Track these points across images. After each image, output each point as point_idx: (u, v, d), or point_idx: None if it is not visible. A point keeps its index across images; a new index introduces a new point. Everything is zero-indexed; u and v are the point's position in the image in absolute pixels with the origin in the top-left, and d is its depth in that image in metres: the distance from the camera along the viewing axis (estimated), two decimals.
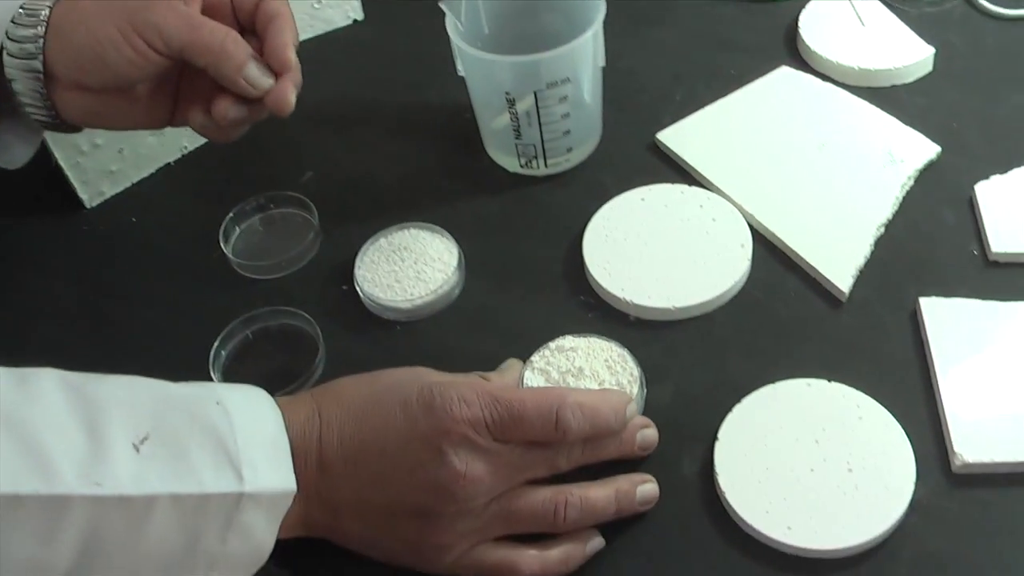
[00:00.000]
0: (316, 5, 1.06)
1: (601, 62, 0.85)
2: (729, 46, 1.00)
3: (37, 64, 0.73)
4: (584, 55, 0.82)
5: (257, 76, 0.74)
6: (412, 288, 0.81)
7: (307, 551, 0.66)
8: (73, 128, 0.79)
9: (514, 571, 0.64)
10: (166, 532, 0.57)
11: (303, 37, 1.06)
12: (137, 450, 0.57)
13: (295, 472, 0.62)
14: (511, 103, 0.83)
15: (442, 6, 0.83)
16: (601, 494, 0.65)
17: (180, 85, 0.79)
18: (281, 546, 0.63)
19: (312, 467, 0.63)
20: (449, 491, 0.61)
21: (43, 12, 0.72)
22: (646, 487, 0.67)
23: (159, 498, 0.56)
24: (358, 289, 0.82)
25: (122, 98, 0.76)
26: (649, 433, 0.70)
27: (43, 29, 0.72)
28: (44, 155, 0.89)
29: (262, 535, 0.61)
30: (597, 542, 0.66)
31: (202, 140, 0.98)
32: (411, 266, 0.83)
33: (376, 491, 0.63)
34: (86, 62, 0.73)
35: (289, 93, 0.75)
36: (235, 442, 0.60)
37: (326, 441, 0.64)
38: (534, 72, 0.81)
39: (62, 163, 0.91)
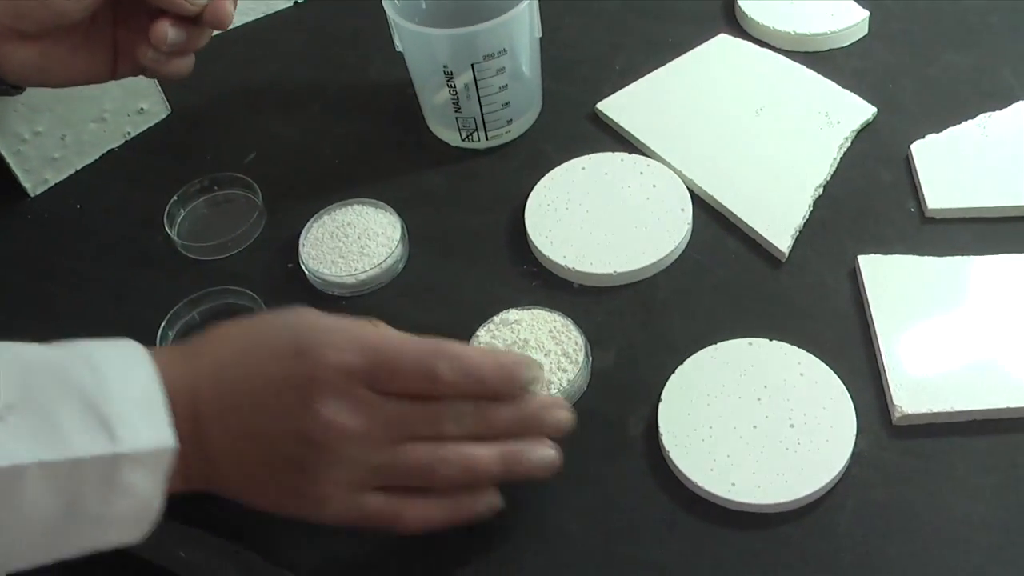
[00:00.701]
0: None
1: (538, 33, 0.86)
2: (667, 15, 1.01)
3: None
4: (520, 26, 0.83)
5: None
6: (356, 263, 0.82)
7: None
8: (15, 89, 0.79)
9: (397, 520, 0.61)
10: (40, 500, 0.55)
11: (244, 20, 1.07)
12: (2, 419, 0.55)
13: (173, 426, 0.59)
14: (449, 76, 0.84)
15: None
16: (485, 453, 0.62)
17: (117, 33, 0.78)
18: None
19: (188, 419, 0.60)
20: (318, 441, 0.58)
21: None
22: (543, 452, 0.63)
23: (27, 467, 0.54)
24: (303, 266, 0.83)
25: (61, 45, 0.75)
26: (561, 415, 0.65)
27: None
28: None
29: (147, 493, 0.58)
30: (491, 501, 0.64)
31: (146, 125, 0.98)
32: (355, 241, 0.83)
33: (251, 442, 0.60)
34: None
35: (227, 4, 0.75)
36: (106, 402, 0.57)
37: (201, 391, 0.61)
38: (471, 44, 0.81)
39: (3, 151, 0.91)
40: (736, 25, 0.98)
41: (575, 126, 0.92)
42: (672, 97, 0.91)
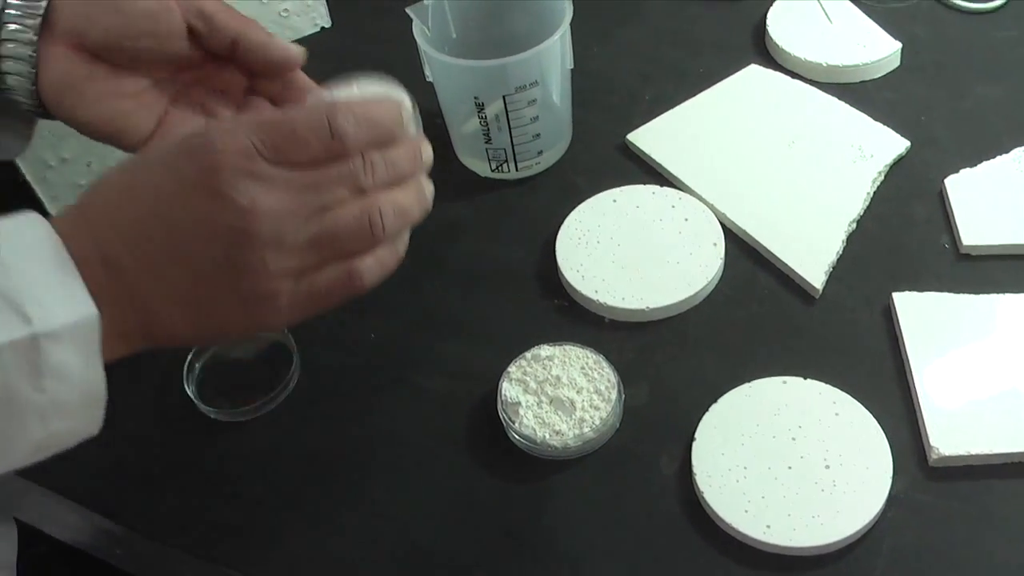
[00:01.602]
0: (283, 13, 1.05)
1: (569, 64, 0.85)
2: (697, 45, 1.00)
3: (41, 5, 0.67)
4: (552, 58, 0.82)
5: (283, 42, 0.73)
6: None
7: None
8: (45, 111, 0.72)
9: (353, 281, 0.59)
10: None
11: None
12: None
13: (90, 291, 0.54)
14: (480, 108, 0.83)
15: (409, 12, 0.83)
16: (407, 194, 0.62)
17: (178, 92, 0.72)
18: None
19: (105, 277, 0.55)
20: (244, 232, 0.55)
21: None
22: (430, 187, 0.65)
23: None
24: None
25: (115, 73, 0.69)
26: (428, 150, 0.65)
27: None
28: (12, 170, 0.89)
29: (84, 372, 0.55)
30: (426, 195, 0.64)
31: None
32: None
33: (176, 267, 0.56)
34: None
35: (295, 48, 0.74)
36: (12, 283, 0.53)
37: (109, 242, 0.56)
38: (502, 76, 0.81)
39: (29, 178, 0.91)
40: (767, 55, 0.98)
41: (605, 157, 0.91)
42: (703, 128, 0.91)
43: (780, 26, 0.97)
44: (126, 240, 0.56)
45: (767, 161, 0.87)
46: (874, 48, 0.94)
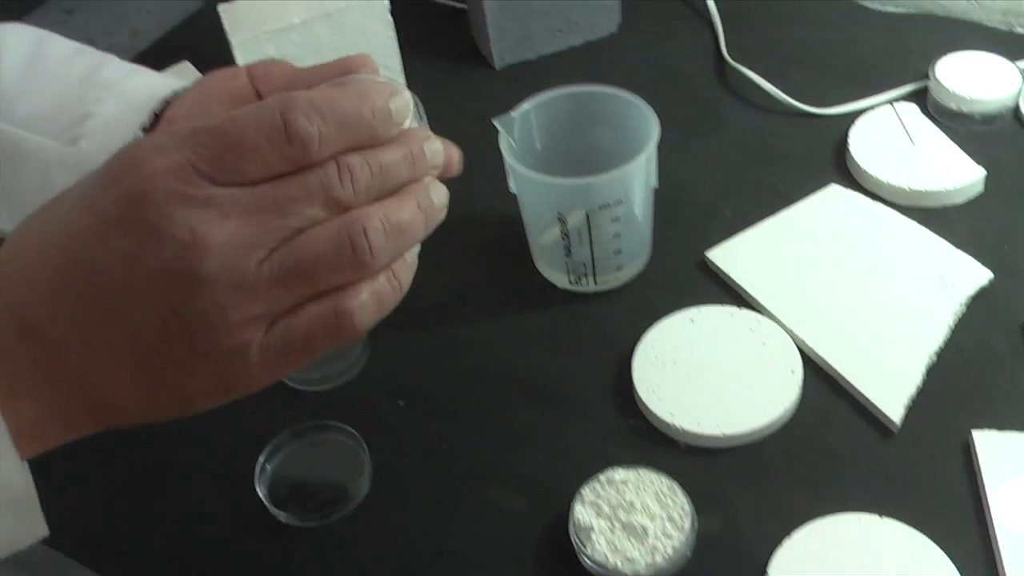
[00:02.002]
0: None
1: (653, 183, 0.85)
2: (778, 160, 1.00)
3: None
4: (637, 177, 0.83)
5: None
6: None
7: None
8: None
9: (342, 320, 0.47)
10: None
11: None
12: None
13: (6, 371, 0.45)
14: (563, 222, 0.84)
15: (495, 123, 0.83)
16: (403, 205, 0.49)
17: None
18: None
19: (19, 351, 0.45)
20: (188, 274, 0.44)
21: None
22: (442, 190, 0.53)
23: None
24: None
25: None
26: (437, 146, 0.52)
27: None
28: None
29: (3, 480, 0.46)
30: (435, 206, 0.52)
31: None
32: None
33: (109, 326, 0.45)
34: None
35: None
36: None
37: (18, 301, 0.45)
38: (586, 194, 0.81)
39: None
40: (848, 175, 0.97)
41: (684, 273, 0.91)
42: (782, 249, 0.90)
43: (862, 145, 0.97)
44: (45, 299, 0.45)
45: (846, 286, 0.86)
46: (957, 173, 0.93)
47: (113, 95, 0.67)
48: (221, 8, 1.02)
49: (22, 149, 0.66)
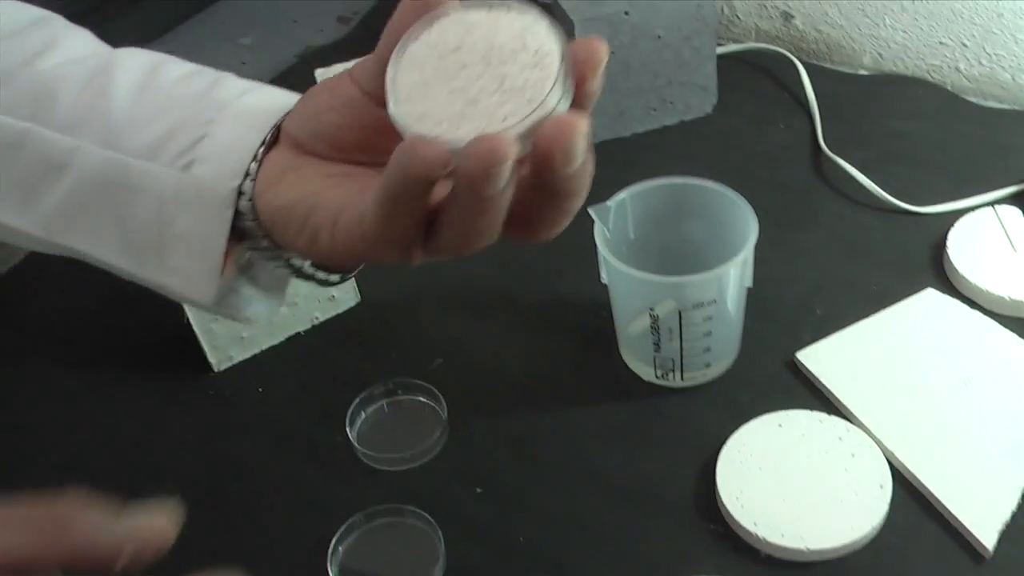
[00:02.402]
0: None
1: (748, 283, 0.84)
2: (873, 258, 0.98)
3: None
4: (733, 277, 0.81)
5: None
6: None
7: None
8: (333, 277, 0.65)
9: None
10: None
11: None
12: None
13: None
14: (653, 317, 0.82)
15: (591, 212, 0.82)
16: None
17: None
18: None
19: None
20: None
21: None
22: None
23: None
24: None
25: (322, 161, 0.59)
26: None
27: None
28: (177, 309, 0.90)
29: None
30: None
31: (334, 312, 0.98)
32: None
33: None
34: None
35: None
36: None
37: None
38: (680, 291, 0.80)
39: (196, 328, 0.92)
40: (945, 279, 0.95)
41: (772, 373, 0.89)
42: (874, 354, 0.88)
43: (961, 249, 0.95)
44: None
45: (940, 398, 0.84)
46: None
47: (228, 114, 0.62)
48: (318, 72, 1.02)
49: (133, 180, 0.63)
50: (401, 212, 0.51)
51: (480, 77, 0.48)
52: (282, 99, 0.63)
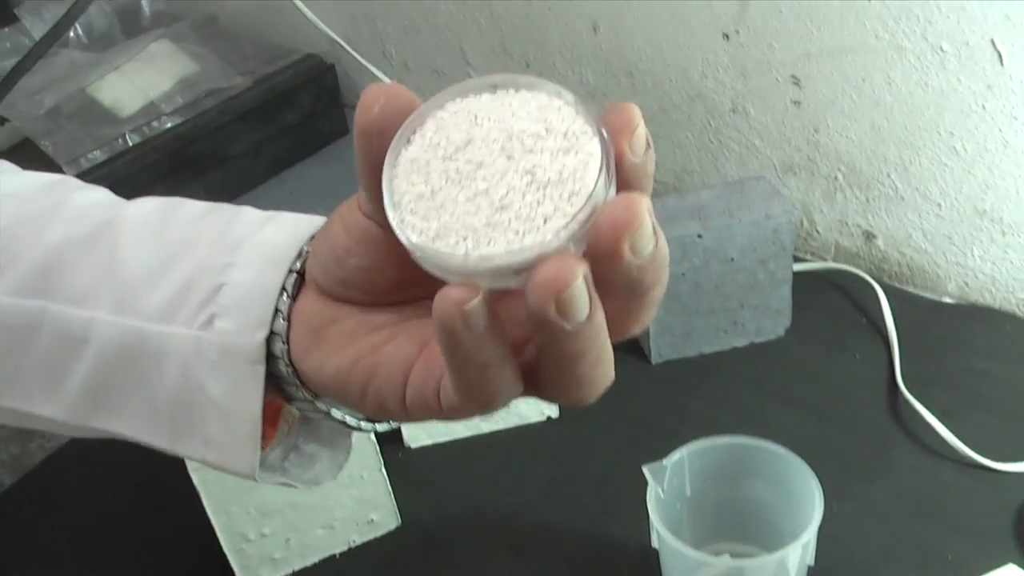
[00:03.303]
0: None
1: (810, 561, 0.78)
2: (949, 521, 0.91)
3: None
4: (794, 559, 0.75)
5: None
6: None
7: None
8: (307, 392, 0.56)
9: None
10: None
11: (492, 428, 1.03)
12: None
13: None
14: None
15: (646, 472, 0.78)
16: None
17: None
18: None
19: None
20: None
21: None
22: None
23: None
24: None
25: (360, 311, 0.52)
26: None
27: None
28: (210, 536, 0.86)
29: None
30: None
31: (372, 535, 0.93)
32: None
33: None
34: None
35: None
36: None
37: None
38: (737, 573, 0.74)
39: (226, 548, 0.88)
40: None
41: None
42: None
43: None
44: None
45: None
46: None
47: (245, 255, 0.55)
48: None
49: (152, 347, 0.56)
50: (471, 365, 0.43)
51: (504, 174, 0.40)
52: (302, 227, 0.56)
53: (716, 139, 1.23)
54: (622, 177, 0.41)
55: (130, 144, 1.34)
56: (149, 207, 0.60)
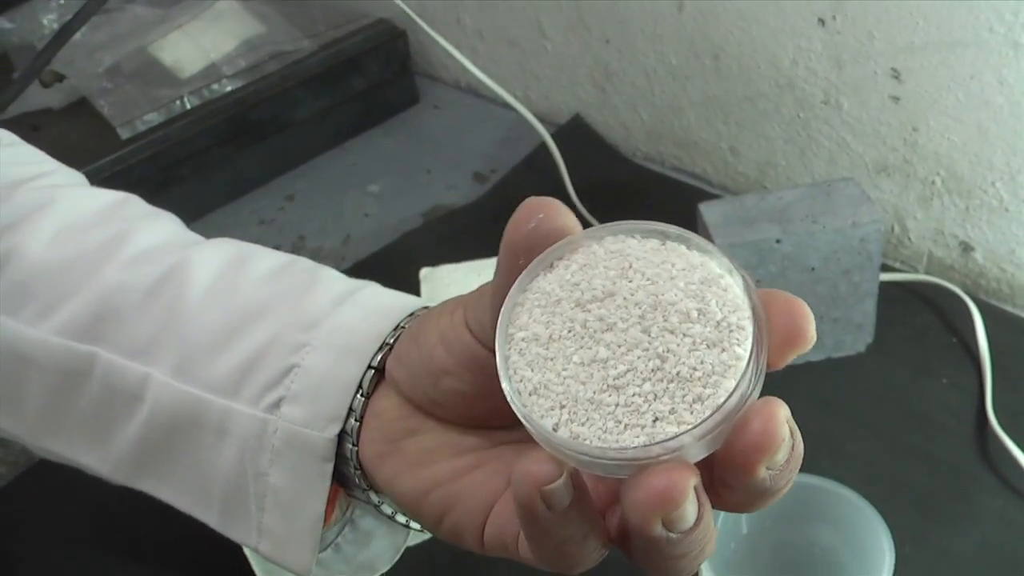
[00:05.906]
0: None
1: None
2: None
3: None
4: None
5: None
6: None
7: None
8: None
9: None
10: None
11: None
12: None
13: None
14: None
15: None
16: None
17: None
18: None
19: None
20: None
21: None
22: None
23: None
24: None
25: (444, 427, 0.48)
26: None
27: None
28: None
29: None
30: None
31: None
32: None
33: None
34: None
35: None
36: None
37: None
38: None
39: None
40: None
41: None
42: None
43: None
44: None
45: None
46: None
47: (322, 336, 0.50)
48: (423, 273, 0.92)
49: (211, 421, 0.52)
50: (547, 540, 0.38)
51: (632, 349, 0.35)
52: (388, 313, 0.51)
53: (804, 133, 1.14)
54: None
55: (188, 107, 1.27)
56: (219, 257, 0.56)
